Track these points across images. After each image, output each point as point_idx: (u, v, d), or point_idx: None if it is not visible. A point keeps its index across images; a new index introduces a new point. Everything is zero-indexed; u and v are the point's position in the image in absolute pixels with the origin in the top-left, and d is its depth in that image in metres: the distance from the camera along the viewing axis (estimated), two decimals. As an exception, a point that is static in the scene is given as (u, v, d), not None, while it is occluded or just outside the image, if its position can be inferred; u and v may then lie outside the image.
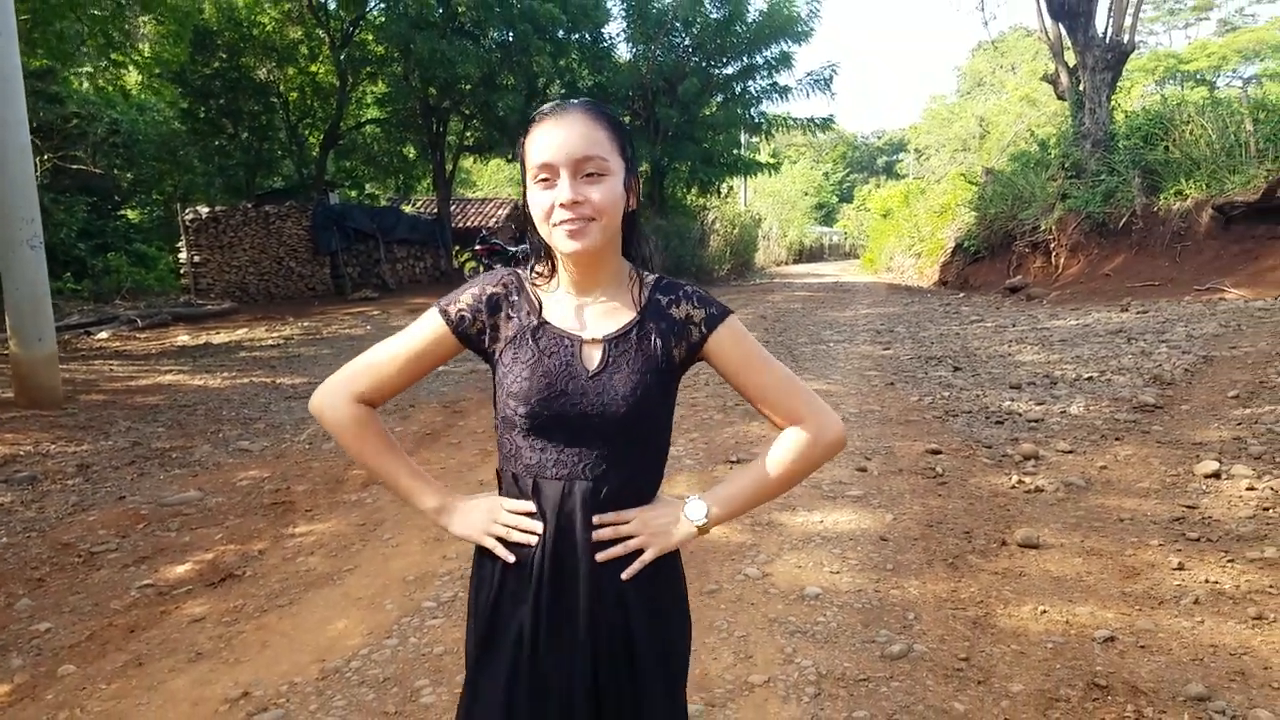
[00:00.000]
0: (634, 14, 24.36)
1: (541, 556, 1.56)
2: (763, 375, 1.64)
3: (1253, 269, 12.68)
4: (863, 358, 10.08)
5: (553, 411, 1.53)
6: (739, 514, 1.68)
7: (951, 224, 24.02)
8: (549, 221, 1.51)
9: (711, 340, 1.60)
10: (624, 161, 1.55)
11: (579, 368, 1.54)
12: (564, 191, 1.48)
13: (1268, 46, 49.13)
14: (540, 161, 1.50)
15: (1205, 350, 8.16)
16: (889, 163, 74.87)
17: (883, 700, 3.02)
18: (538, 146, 1.50)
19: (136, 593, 4.09)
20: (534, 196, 1.53)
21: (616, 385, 1.53)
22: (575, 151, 1.48)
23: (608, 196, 1.50)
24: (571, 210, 1.48)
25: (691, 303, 1.62)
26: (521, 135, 1.57)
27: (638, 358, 1.56)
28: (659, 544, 1.58)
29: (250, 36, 21.84)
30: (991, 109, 41.01)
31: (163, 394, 8.82)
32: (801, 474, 1.67)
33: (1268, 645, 3.23)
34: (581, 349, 1.56)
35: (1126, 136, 17.03)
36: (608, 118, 1.54)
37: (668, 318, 1.60)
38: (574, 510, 1.55)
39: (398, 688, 3.19)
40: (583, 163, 1.48)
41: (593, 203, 1.48)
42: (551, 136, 1.49)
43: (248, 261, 19.79)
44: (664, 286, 1.63)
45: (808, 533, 4.59)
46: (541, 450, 1.57)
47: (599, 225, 1.50)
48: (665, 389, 1.59)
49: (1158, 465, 5.36)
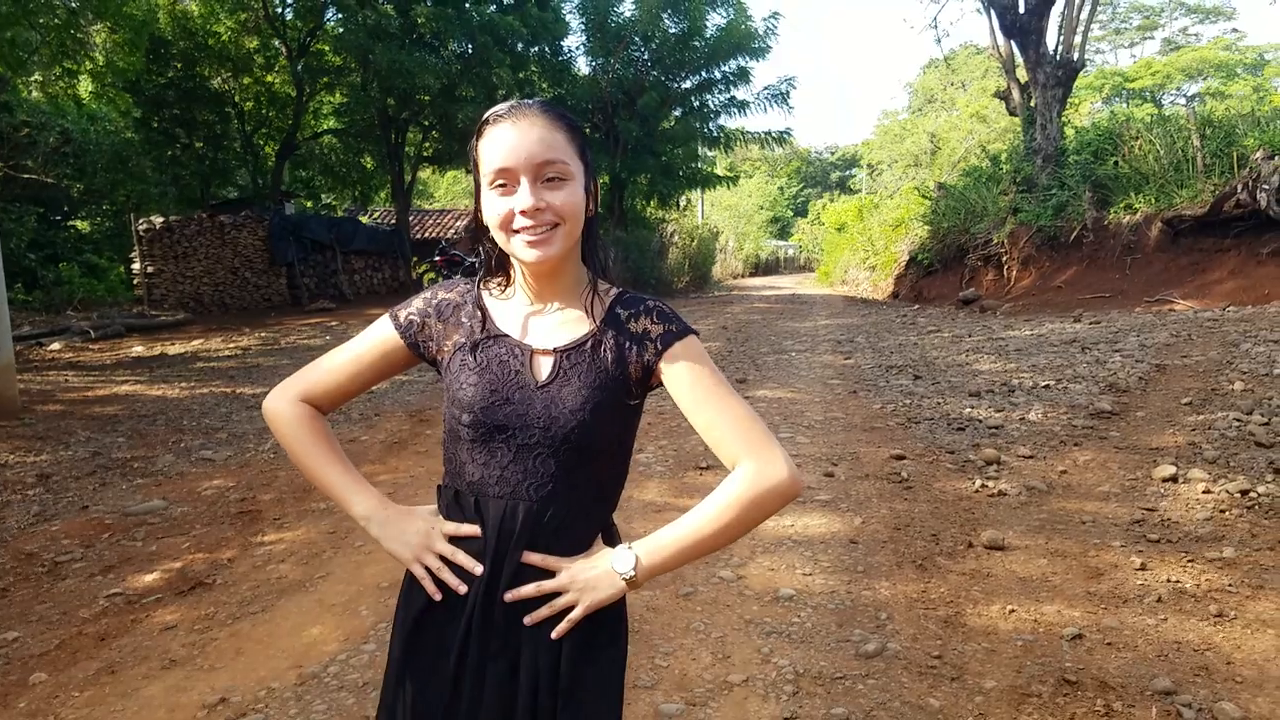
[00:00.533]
0: (593, 28, 24.50)
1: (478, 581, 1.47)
2: (714, 405, 1.48)
3: (1201, 281, 13.01)
4: (825, 367, 10.20)
5: (497, 421, 1.45)
6: (674, 566, 1.49)
7: (905, 238, 24.35)
8: (508, 229, 1.43)
9: (665, 358, 1.49)
10: (583, 164, 1.47)
11: (527, 377, 1.46)
12: (525, 198, 1.39)
13: (1210, 65, 50.50)
14: (497, 166, 1.41)
15: (1158, 359, 8.36)
16: (843, 178, 75.58)
17: (860, 698, 3.07)
18: (494, 150, 1.42)
19: (105, 601, 4.04)
20: (490, 202, 1.44)
21: (565, 398, 1.44)
22: (535, 155, 1.40)
23: (570, 201, 1.42)
24: (533, 217, 1.40)
25: (651, 317, 1.51)
26: (474, 137, 1.48)
27: (590, 371, 1.46)
28: (588, 600, 1.44)
29: (205, 46, 21.66)
30: (943, 125, 41.69)
31: (121, 404, 8.69)
32: (743, 523, 1.46)
33: (1229, 641, 3.33)
34: (532, 359, 1.48)
35: (1077, 151, 17.42)
36: (565, 119, 1.46)
37: (625, 332, 1.50)
38: (514, 533, 1.46)
39: (377, 692, 3.15)
40: (543, 167, 1.40)
41: (555, 208, 1.41)
42: (509, 139, 1.40)
43: (202, 272, 19.54)
44: (626, 300, 1.54)
45: (779, 536, 4.65)
46: (485, 466, 1.48)
47: (562, 231, 1.43)
48: (620, 408, 1.48)
49: (1116, 470, 5.49)
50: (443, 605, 1.50)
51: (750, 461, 1.44)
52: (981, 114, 36.38)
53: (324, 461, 1.59)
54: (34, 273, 19.06)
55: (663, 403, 7.94)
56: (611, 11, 24.35)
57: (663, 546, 1.46)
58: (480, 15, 20.64)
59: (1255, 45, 54.24)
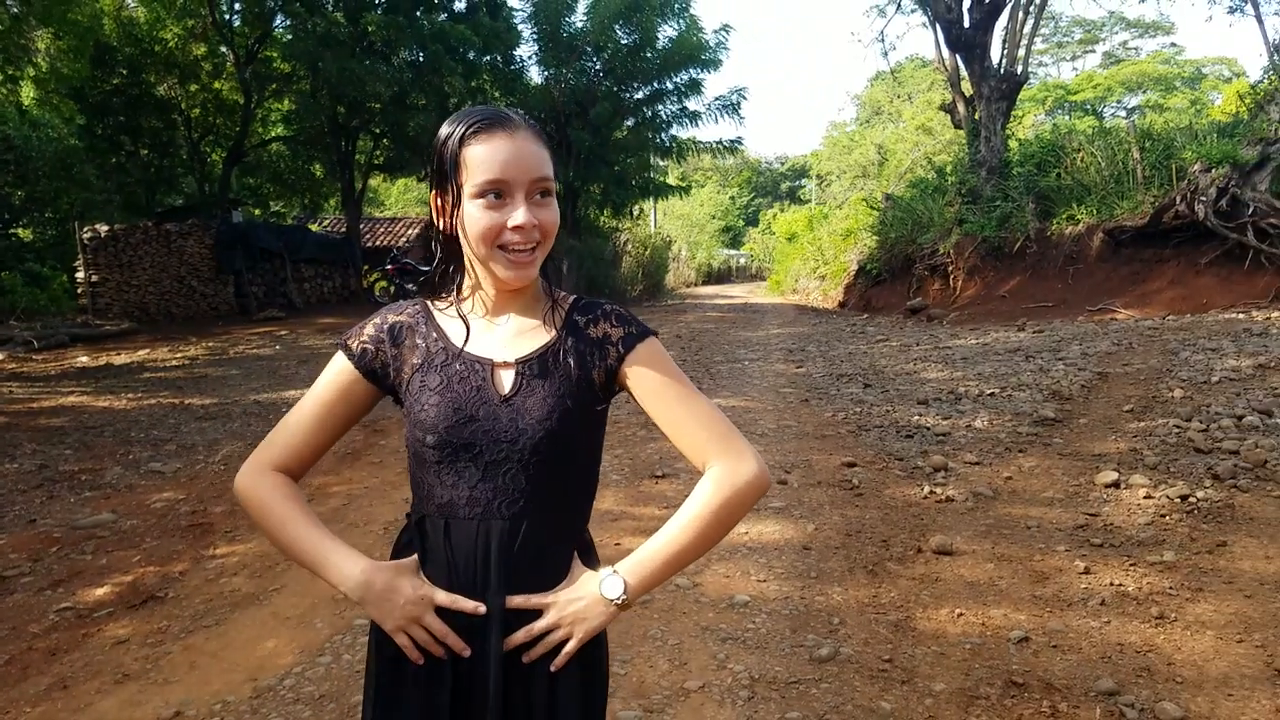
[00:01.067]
0: (545, 38, 24.51)
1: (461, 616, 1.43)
2: (680, 405, 1.48)
3: (1141, 290, 13.33)
4: (777, 375, 10.30)
5: (463, 440, 1.41)
6: (661, 581, 1.47)
7: (854, 248, 24.66)
8: (492, 243, 1.40)
9: (629, 360, 1.48)
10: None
11: (490, 392, 1.43)
12: (520, 214, 1.38)
13: (1149, 79, 51.73)
14: (492, 177, 1.37)
15: (1100, 367, 8.55)
16: (793, 188, 76.21)
17: (814, 701, 3.13)
18: (486, 160, 1.37)
19: (55, 616, 3.99)
20: (476, 214, 1.39)
21: (531, 409, 1.42)
22: (532, 171, 1.39)
23: (555, 219, 1.43)
24: (525, 235, 1.39)
25: (610, 321, 1.51)
26: (451, 140, 1.41)
27: (553, 380, 1.44)
28: (580, 632, 1.42)
29: (151, 52, 21.36)
30: (890, 137, 42.31)
31: (67, 416, 8.55)
32: (723, 525, 1.47)
33: (1170, 643, 3.43)
34: (494, 373, 1.45)
35: (1020, 163, 17.76)
36: (544, 134, 1.45)
37: (585, 338, 1.48)
38: (490, 555, 1.42)
39: (334, 704, 3.18)
40: (537, 183, 1.40)
41: (543, 226, 1.40)
42: (505, 152, 1.37)
43: (148, 281, 19.22)
44: (583, 306, 1.53)
45: (734, 544, 4.70)
46: (454, 487, 1.43)
47: (542, 250, 1.43)
48: (586, 415, 1.47)
49: (1060, 476, 5.61)
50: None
51: (721, 461, 1.46)
52: (927, 126, 36.97)
53: (301, 533, 1.49)
54: (-28, 282, 18.63)
55: (617, 411, 7.99)
56: (563, 22, 24.39)
57: (647, 563, 1.45)
58: (431, 24, 20.59)
59: (1193, 59, 55.62)
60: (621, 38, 24.53)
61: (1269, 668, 3.18)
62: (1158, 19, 55.83)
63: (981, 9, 18.02)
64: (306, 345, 14.77)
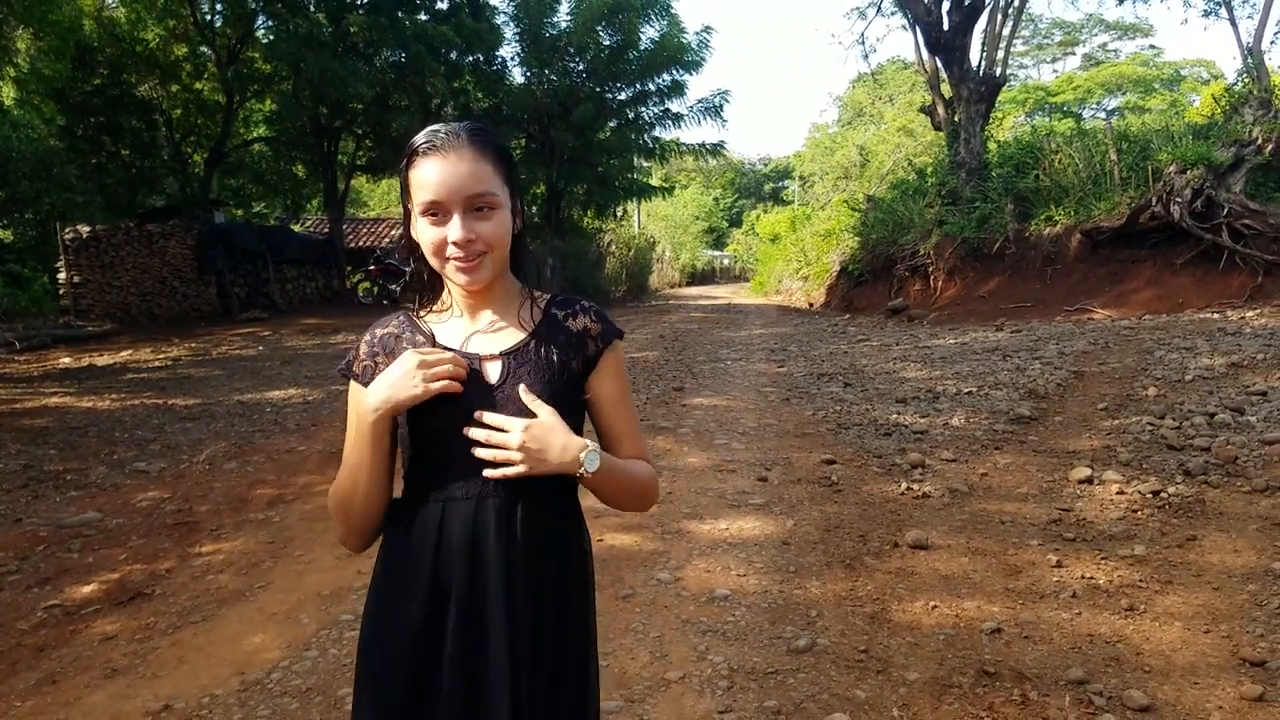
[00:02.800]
0: (528, 38, 24.52)
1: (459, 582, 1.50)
2: (626, 408, 1.64)
3: (1118, 290, 13.47)
4: (759, 375, 10.39)
5: (456, 429, 1.50)
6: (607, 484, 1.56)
7: (836, 249, 24.75)
8: (440, 256, 1.51)
9: (604, 356, 1.61)
10: (509, 188, 1.55)
11: (479, 384, 1.53)
12: (455, 230, 1.47)
13: (1129, 81, 52.16)
14: (428, 199, 1.48)
15: (1076, 366, 8.67)
16: (775, 189, 76.35)
17: (791, 691, 3.21)
18: (424, 181, 1.48)
19: (43, 613, 4.03)
20: (423, 231, 1.51)
21: (519, 397, 1.51)
22: (464, 189, 1.47)
23: (498, 230, 1.51)
24: (464, 248, 1.47)
25: (589, 316, 1.62)
26: (403, 162, 1.54)
27: (537, 369, 1.54)
28: (531, 462, 1.46)
29: (133, 53, 21.30)
30: (871, 139, 42.50)
31: (50, 416, 8.55)
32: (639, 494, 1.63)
33: (1139, 634, 3.52)
34: (481, 364, 1.55)
35: (999, 165, 17.90)
36: (493, 146, 1.53)
37: (565, 330, 1.59)
38: (488, 531, 1.50)
39: (321, 697, 3.24)
40: (473, 199, 1.48)
41: (484, 238, 1.49)
42: (438, 173, 1.47)
43: (130, 282, 19.16)
44: (560, 302, 1.64)
45: (715, 539, 4.78)
46: (449, 473, 1.53)
47: (490, 258, 1.51)
48: (570, 399, 1.56)
49: (1035, 472, 5.71)
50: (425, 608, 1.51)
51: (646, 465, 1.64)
52: (908, 128, 37.17)
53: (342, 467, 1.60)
54: (-46, 283, 18.55)
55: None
56: (546, 22, 24.41)
57: (614, 467, 1.55)
58: (413, 25, 20.60)
59: (1172, 61, 56.11)
60: (604, 39, 24.56)
61: (1234, 657, 3.26)
62: (1136, 21, 56.32)
63: (961, 12, 18.16)
64: (289, 346, 14.77)
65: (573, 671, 1.58)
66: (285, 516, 5.38)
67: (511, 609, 1.49)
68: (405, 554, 1.55)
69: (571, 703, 1.57)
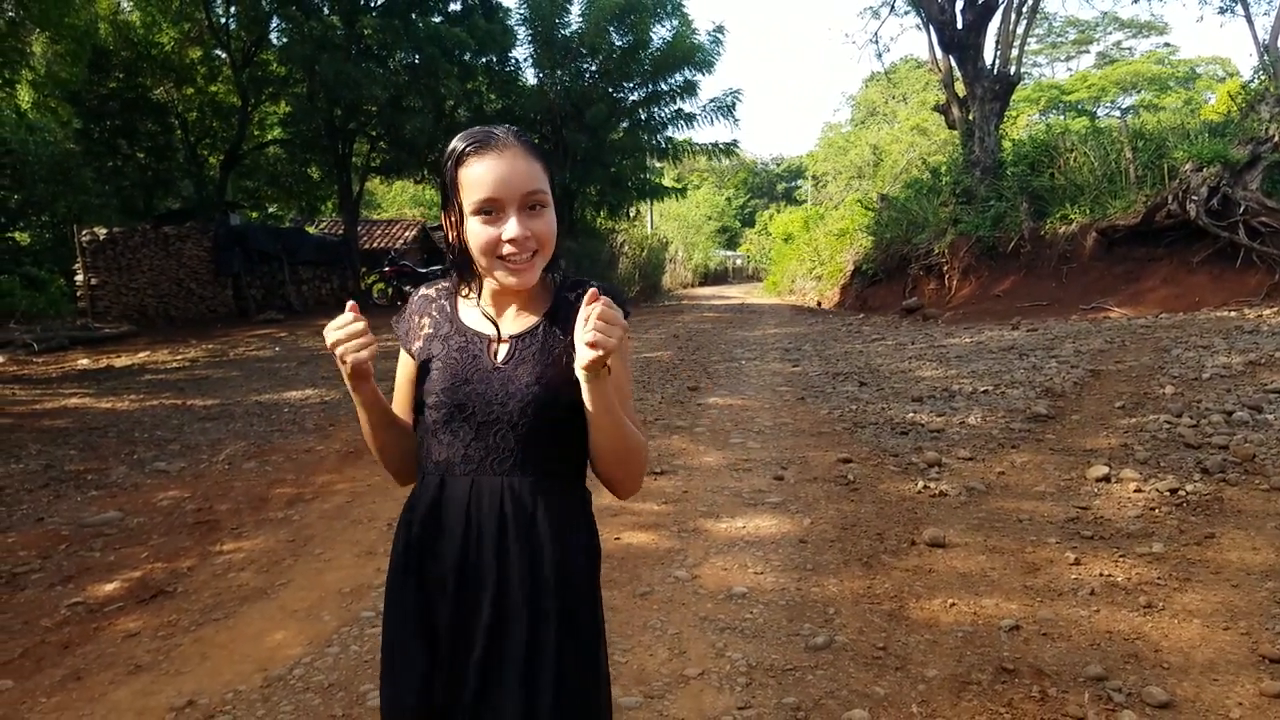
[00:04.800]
0: (540, 40, 24.57)
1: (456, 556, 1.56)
2: (626, 386, 1.63)
3: (1134, 289, 13.43)
4: (774, 374, 10.39)
5: (458, 400, 1.57)
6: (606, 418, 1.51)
7: (850, 248, 24.71)
8: (492, 255, 1.53)
9: None
10: (551, 190, 1.59)
11: (485, 361, 1.59)
12: (513, 228, 1.50)
13: (1143, 79, 51.93)
14: (485, 196, 1.50)
15: (1092, 365, 8.65)
16: (788, 188, 76.35)
17: (810, 687, 3.22)
18: (478, 181, 1.51)
19: (67, 610, 4.06)
20: (476, 230, 1.53)
21: (520, 376, 1.57)
22: (522, 186, 1.51)
23: (550, 228, 1.55)
24: (520, 246, 1.51)
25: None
26: (450, 164, 1.55)
27: (543, 351, 1.59)
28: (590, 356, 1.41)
29: (148, 56, 21.43)
30: (885, 138, 42.43)
31: (70, 417, 8.62)
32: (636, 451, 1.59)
33: (1157, 631, 3.52)
34: (490, 346, 1.61)
35: (1014, 164, 17.84)
36: (537, 148, 1.57)
37: (574, 310, 1.55)
38: (482, 508, 1.56)
39: (343, 693, 3.26)
40: (528, 197, 1.52)
41: (538, 235, 1.53)
42: (495, 171, 1.50)
43: (147, 284, 19.32)
44: (572, 283, 1.68)
45: (732, 537, 4.80)
46: (449, 446, 1.59)
47: (540, 257, 1.55)
48: (572, 381, 1.52)
49: (1052, 470, 5.71)
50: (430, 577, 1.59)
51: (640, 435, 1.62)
52: (922, 126, 37.12)
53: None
54: (-28, 285, 18.65)
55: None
56: (558, 23, 24.46)
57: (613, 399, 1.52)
58: (427, 27, 20.66)
59: (1187, 59, 55.87)
60: (616, 39, 24.60)
61: (1253, 654, 3.26)
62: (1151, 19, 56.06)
63: (974, 10, 18.12)
64: (305, 347, 14.83)
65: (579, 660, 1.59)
66: (305, 515, 5.42)
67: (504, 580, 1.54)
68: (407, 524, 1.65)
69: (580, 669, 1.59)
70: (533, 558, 1.56)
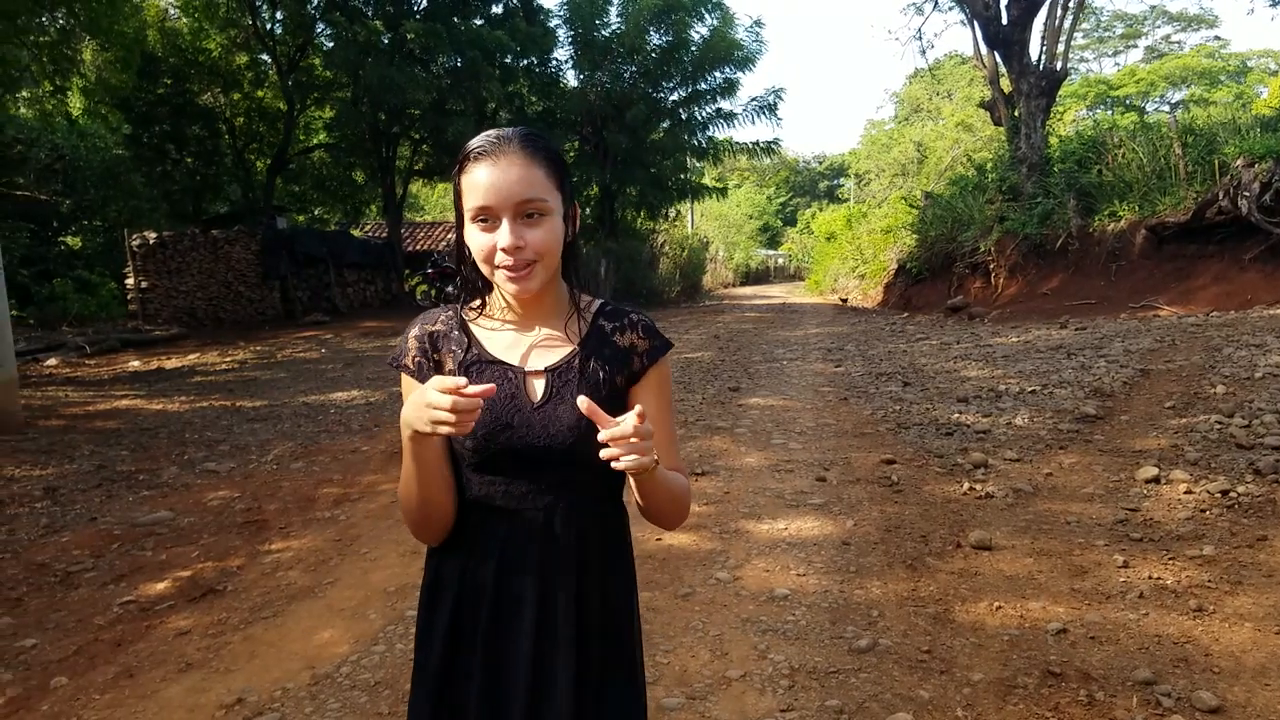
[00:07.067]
0: (580, 41, 24.66)
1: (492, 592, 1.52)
2: (667, 421, 1.61)
3: (1184, 287, 13.20)
4: (816, 374, 10.35)
5: (500, 445, 1.50)
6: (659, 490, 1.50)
7: (893, 246, 24.54)
8: (490, 262, 1.48)
9: (650, 371, 1.60)
10: (562, 195, 1.52)
11: (523, 400, 1.51)
12: (505, 236, 1.45)
13: (1193, 73, 51.04)
14: (478, 204, 1.46)
15: (1142, 364, 8.51)
16: (830, 187, 75.91)
17: (853, 690, 3.20)
18: (474, 187, 1.47)
19: (119, 609, 4.15)
20: (473, 237, 1.49)
21: (562, 416, 1.50)
22: (514, 195, 1.45)
23: (548, 238, 1.48)
24: (513, 255, 1.45)
25: (638, 332, 1.60)
26: (456, 168, 1.52)
27: (581, 386, 1.52)
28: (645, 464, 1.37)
29: (195, 62, 21.81)
30: (928, 135, 41.96)
31: (122, 418, 8.80)
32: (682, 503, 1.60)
33: (1208, 635, 3.46)
34: (525, 381, 1.53)
35: (1061, 160, 17.60)
36: (545, 151, 1.50)
37: (611, 345, 1.58)
38: (523, 544, 1.52)
39: (389, 690, 3.30)
40: (523, 205, 1.45)
41: (533, 246, 1.46)
42: (488, 177, 1.45)
43: (196, 286, 19.65)
44: (609, 313, 1.62)
45: (774, 539, 4.79)
46: (490, 484, 1.53)
47: (540, 266, 1.48)
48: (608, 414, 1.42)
49: (1100, 472, 5.63)
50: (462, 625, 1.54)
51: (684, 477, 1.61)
52: (967, 123, 36.67)
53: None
54: (27, 289, 19.10)
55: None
56: (598, 24, 24.52)
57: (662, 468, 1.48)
58: (469, 30, 20.80)
59: (1238, 52, 54.92)
60: (655, 39, 24.62)
61: (1307, 658, 3.20)
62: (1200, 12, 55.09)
63: (1020, 6, 17.90)
64: (351, 349, 15.02)
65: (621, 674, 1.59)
66: (351, 515, 5.49)
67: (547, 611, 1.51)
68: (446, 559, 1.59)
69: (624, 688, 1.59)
70: (579, 587, 1.53)
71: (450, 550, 1.58)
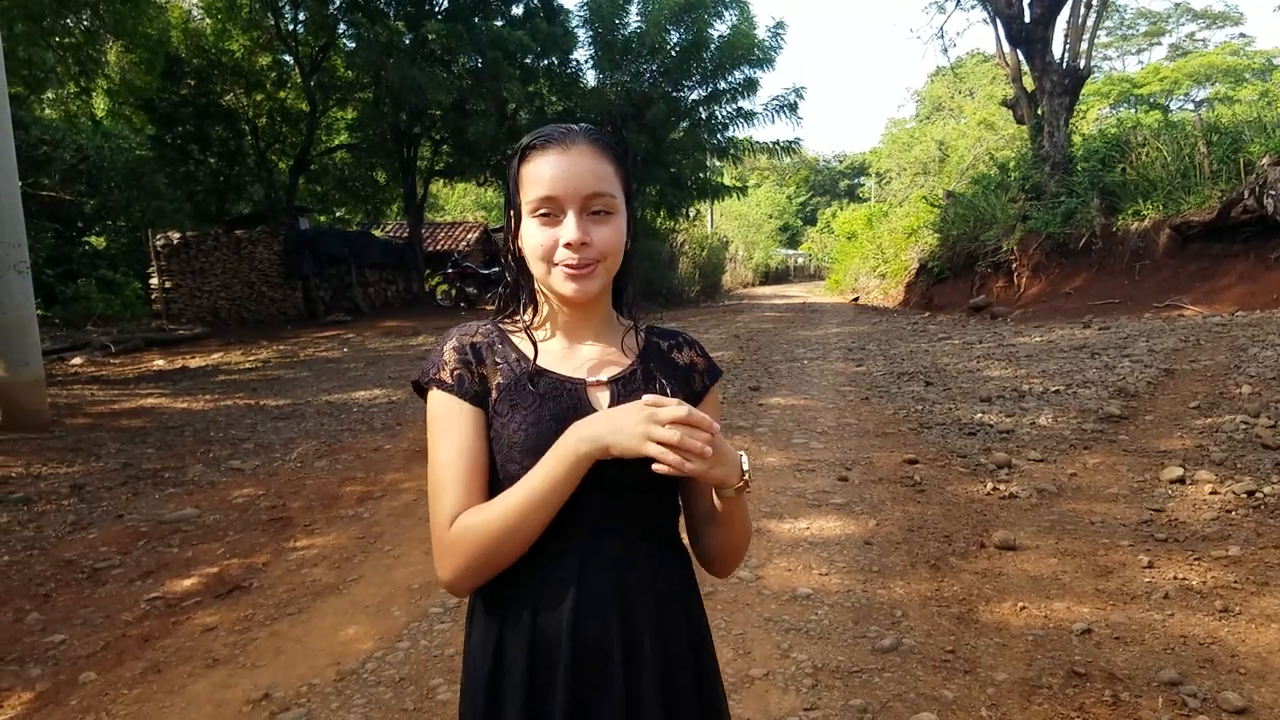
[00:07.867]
0: (600, 41, 24.67)
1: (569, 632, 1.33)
2: None
3: (1209, 286, 13.09)
4: (837, 374, 10.33)
5: None
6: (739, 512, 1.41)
7: (915, 246, 24.42)
8: (549, 260, 1.36)
9: (710, 392, 1.52)
10: (626, 198, 1.42)
11: (588, 411, 1.36)
12: (570, 230, 1.34)
13: (1218, 71, 50.53)
14: (542, 194, 1.35)
15: (1166, 364, 8.45)
16: (851, 186, 75.64)
17: (877, 690, 3.20)
18: (538, 177, 1.35)
19: (146, 605, 4.19)
20: (531, 231, 1.37)
21: None
22: (584, 187, 1.34)
23: (615, 237, 1.38)
24: (577, 251, 1.34)
25: (695, 350, 1.53)
26: (514, 159, 1.41)
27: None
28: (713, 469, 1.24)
29: (219, 63, 21.97)
30: (950, 133, 41.77)
31: (147, 417, 8.88)
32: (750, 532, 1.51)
33: (1234, 635, 3.44)
34: (588, 392, 1.40)
35: (1085, 159, 17.49)
36: (613, 149, 1.41)
37: (670, 362, 1.49)
38: (596, 571, 1.35)
39: (414, 686, 3.32)
40: (591, 199, 1.35)
41: (599, 244, 1.35)
42: (556, 167, 1.34)
43: (219, 286, 19.82)
44: (660, 332, 1.54)
45: (796, 538, 4.78)
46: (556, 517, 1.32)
47: (603, 268, 1.38)
48: None
49: (1125, 472, 5.59)
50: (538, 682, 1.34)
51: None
52: (989, 121, 36.49)
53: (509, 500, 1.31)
54: (52, 288, 19.31)
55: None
56: (618, 24, 24.53)
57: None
58: (489, 30, 20.86)
59: (1263, 50, 54.24)
60: (675, 38, 24.61)
61: (1336, 660, 3.18)
62: (1225, 9, 54.59)
63: (1042, 3, 17.79)
64: (372, 348, 15.10)
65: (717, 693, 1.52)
66: (374, 512, 5.52)
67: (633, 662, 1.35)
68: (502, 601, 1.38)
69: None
70: (663, 631, 1.38)
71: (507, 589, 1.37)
